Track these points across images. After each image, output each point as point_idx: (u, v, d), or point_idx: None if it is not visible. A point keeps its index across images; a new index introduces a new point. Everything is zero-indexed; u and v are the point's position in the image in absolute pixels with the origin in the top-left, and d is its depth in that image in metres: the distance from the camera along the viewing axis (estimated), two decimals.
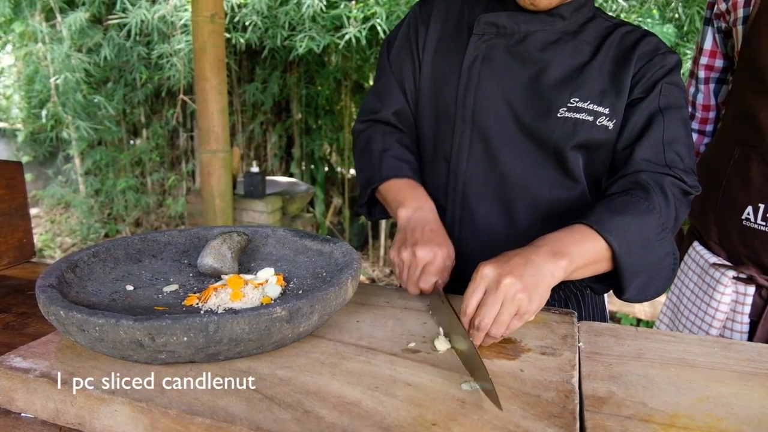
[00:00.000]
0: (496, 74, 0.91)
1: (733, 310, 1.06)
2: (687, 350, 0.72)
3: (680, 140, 0.85)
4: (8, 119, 5.09)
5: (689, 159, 0.86)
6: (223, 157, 2.88)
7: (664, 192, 0.81)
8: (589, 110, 0.86)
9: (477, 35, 0.92)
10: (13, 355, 0.63)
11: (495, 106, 0.90)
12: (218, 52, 2.72)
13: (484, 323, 0.66)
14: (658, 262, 0.79)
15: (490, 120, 0.91)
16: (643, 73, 0.87)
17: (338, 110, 4.84)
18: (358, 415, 0.54)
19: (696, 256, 1.14)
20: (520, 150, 0.91)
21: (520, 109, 0.89)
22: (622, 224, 0.75)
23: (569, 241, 0.73)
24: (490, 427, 0.53)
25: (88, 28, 4.15)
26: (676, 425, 0.55)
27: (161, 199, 5.13)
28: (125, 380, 0.58)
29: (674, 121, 0.85)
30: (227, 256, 0.81)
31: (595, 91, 0.87)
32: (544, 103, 0.88)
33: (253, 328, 0.59)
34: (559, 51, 0.89)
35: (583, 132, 0.87)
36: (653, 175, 0.83)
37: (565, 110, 0.86)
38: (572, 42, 0.89)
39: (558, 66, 0.88)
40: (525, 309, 0.67)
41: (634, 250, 0.76)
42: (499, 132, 0.91)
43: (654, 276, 0.80)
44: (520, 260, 0.69)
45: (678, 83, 0.88)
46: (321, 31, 3.55)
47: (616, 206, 0.78)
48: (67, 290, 0.69)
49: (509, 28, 0.90)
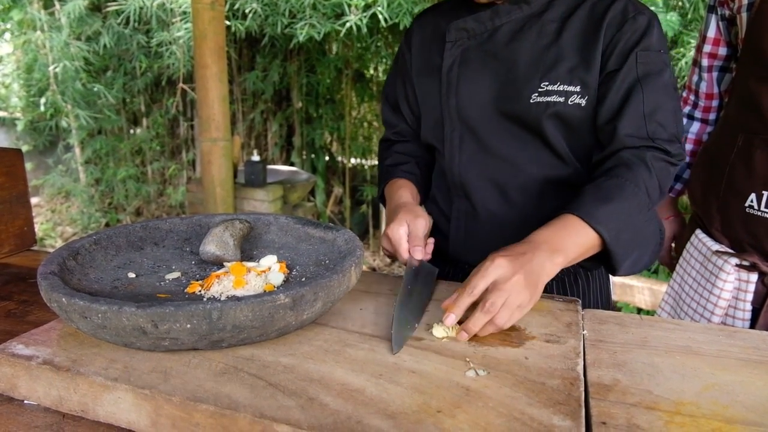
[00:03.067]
0: (472, 74, 0.95)
1: (735, 297, 1.05)
2: (692, 338, 0.72)
3: (662, 108, 0.85)
4: (7, 108, 5.07)
5: (673, 125, 0.86)
6: (224, 146, 2.87)
7: (648, 167, 0.82)
8: (560, 91, 0.88)
9: (450, 42, 0.97)
10: (16, 343, 0.63)
11: (476, 101, 0.95)
12: (218, 39, 2.70)
13: (494, 307, 0.68)
14: (645, 240, 0.83)
15: (475, 114, 0.95)
16: (615, 42, 0.86)
17: (339, 99, 4.82)
18: (362, 402, 0.54)
19: (698, 244, 1.13)
20: (506, 135, 0.94)
21: (498, 100, 0.92)
22: (610, 212, 0.78)
23: (564, 236, 0.77)
24: (495, 414, 0.52)
25: (87, 15, 4.11)
26: (681, 413, 0.55)
27: (162, 188, 5.12)
28: (128, 367, 0.58)
29: (654, 89, 0.85)
30: (229, 244, 0.81)
31: (563, 70, 0.88)
32: (517, 92, 0.90)
33: (257, 315, 0.58)
34: (525, 37, 0.91)
35: (558, 113, 0.89)
36: (636, 151, 0.84)
37: (536, 96, 0.88)
38: (537, 24, 0.90)
39: (526, 52, 0.90)
40: (526, 303, 0.70)
41: (623, 235, 0.79)
42: (484, 123, 0.95)
43: (643, 253, 0.84)
44: (527, 258, 0.72)
45: (652, 46, 0.86)
46: (322, 19, 3.52)
47: (603, 193, 0.80)
48: (69, 277, 0.69)
49: (477, 29, 0.94)
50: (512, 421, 0.51)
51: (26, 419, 0.57)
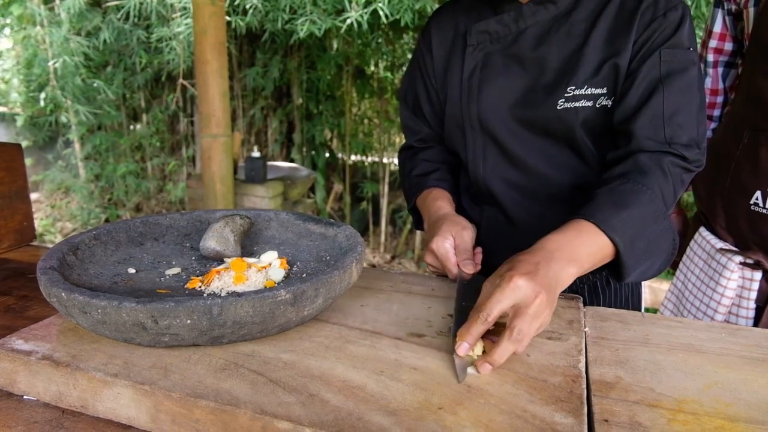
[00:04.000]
0: (495, 79, 0.91)
1: (739, 295, 1.05)
2: (694, 336, 0.71)
3: (683, 110, 0.81)
4: (7, 103, 5.06)
5: (694, 129, 0.81)
6: (224, 142, 2.86)
7: (665, 173, 0.79)
8: (587, 95, 0.84)
9: (471, 46, 0.93)
10: (15, 338, 0.62)
11: (498, 109, 0.91)
12: (219, 34, 2.69)
13: (522, 335, 0.61)
14: (659, 249, 0.79)
15: (497, 123, 0.91)
16: (643, 40, 0.82)
17: (339, 96, 4.81)
18: (363, 398, 0.53)
19: (702, 242, 1.13)
20: (531, 146, 0.90)
21: (523, 108, 0.88)
22: (626, 219, 0.74)
23: (578, 245, 0.72)
24: (497, 411, 0.52)
25: (87, 11, 4.10)
26: (684, 410, 0.55)
27: (162, 184, 5.12)
28: (128, 363, 0.58)
29: (676, 90, 0.81)
30: (230, 240, 0.80)
31: (590, 72, 0.84)
32: (543, 98, 0.86)
33: (257, 311, 0.58)
34: (552, 41, 0.86)
35: (587, 117, 0.85)
36: (653, 156, 0.80)
37: (563, 101, 0.85)
38: (565, 25, 0.86)
39: (553, 57, 0.86)
40: (547, 321, 0.66)
41: (637, 244, 0.75)
42: (507, 133, 0.91)
43: (655, 261, 0.80)
44: (543, 273, 0.66)
45: (680, 44, 0.82)
46: (322, 15, 3.51)
47: (619, 199, 0.76)
48: (69, 273, 0.68)
49: (501, 32, 0.90)
50: (514, 418, 0.51)
51: (26, 414, 0.57)
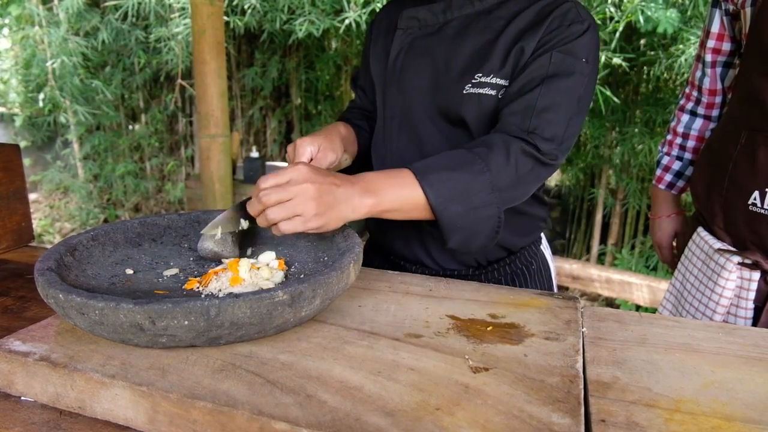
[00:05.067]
0: (415, 63, 0.96)
1: (737, 296, 1.05)
2: (691, 335, 0.71)
3: (555, 109, 0.84)
4: (5, 103, 5.05)
5: (560, 128, 0.85)
6: (223, 142, 2.86)
7: (507, 155, 0.81)
8: (492, 84, 0.88)
9: (401, 29, 0.98)
10: (13, 339, 0.62)
11: (415, 94, 0.96)
12: (217, 34, 2.69)
13: (268, 198, 0.69)
14: (479, 221, 0.82)
15: (412, 107, 0.96)
16: (542, 42, 0.86)
17: (338, 96, 4.81)
18: (360, 399, 0.53)
19: (700, 242, 1.13)
20: (440, 132, 0.95)
21: (435, 94, 0.93)
22: (446, 179, 0.78)
23: (386, 184, 0.77)
24: (494, 411, 0.52)
25: (85, 11, 4.10)
26: (681, 410, 0.55)
27: (160, 184, 5.11)
28: (126, 364, 0.58)
29: (555, 90, 0.84)
30: (228, 240, 0.80)
31: (498, 64, 0.88)
32: (452, 83, 0.91)
33: (255, 312, 0.58)
34: (471, 32, 0.91)
35: (489, 106, 0.89)
36: (506, 138, 0.83)
37: (470, 86, 0.89)
38: (485, 21, 0.91)
39: (468, 46, 0.91)
40: (308, 217, 0.70)
41: (453, 207, 0.79)
42: (420, 117, 0.96)
43: (475, 233, 0.83)
44: (333, 182, 0.72)
45: (574, 52, 0.85)
46: (321, 15, 3.51)
47: (448, 162, 0.80)
48: (66, 273, 0.68)
49: (429, 20, 0.95)
50: (511, 418, 0.51)
51: (23, 416, 0.57)
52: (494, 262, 1.04)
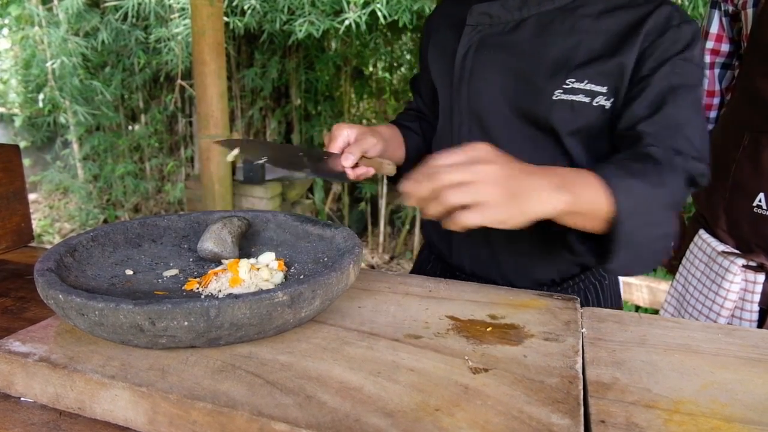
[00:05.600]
0: (489, 63, 0.89)
1: (742, 298, 1.04)
2: (691, 336, 0.71)
3: (691, 123, 0.79)
4: (5, 104, 5.05)
5: (700, 144, 0.79)
6: None
7: (672, 172, 0.75)
8: (586, 90, 0.82)
9: (470, 26, 0.91)
10: (12, 339, 0.62)
11: (490, 95, 0.89)
12: (217, 35, 2.69)
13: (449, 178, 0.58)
14: (654, 239, 0.74)
15: (487, 109, 0.90)
16: (653, 48, 0.80)
17: (338, 96, 4.81)
18: (360, 400, 0.53)
19: (702, 244, 1.12)
20: (518, 136, 0.89)
21: (516, 96, 0.87)
22: (632, 188, 0.69)
23: (580, 183, 0.67)
24: (493, 412, 0.52)
25: (85, 11, 4.10)
26: (680, 411, 0.55)
27: (160, 184, 5.11)
28: (125, 365, 0.58)
29: (686, 103, 0.79)
30: (227, 241, 0.80)
31: (592, 69, 0.82)
32: (539, 87, 0.85)
33: (255, 312, 0.58)
34: (555, 32, 0.85)
35: (582, 114, 0.83)
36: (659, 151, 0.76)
37: (560, 92, 0.83)
38: (570, 19, 0.85)
39: (553, 48, 0.85)
40: (487, 206, 0.58)
41: (636, 219, 0.70)
42: (497, 121, 0.90)
43: (645, 253, 0.75)
44: (522, 168, 0.62)
45: (693, 59, 0.80)
46: (320, 16, 3.51)
47: (630, 169, 0.71)
48: (66, 274, 0.68)
49: (502, 17, 0.88)
50: (511, 419, 0.51)
51: (23, 417, 0.57)
52: (569, 278, 0.96)
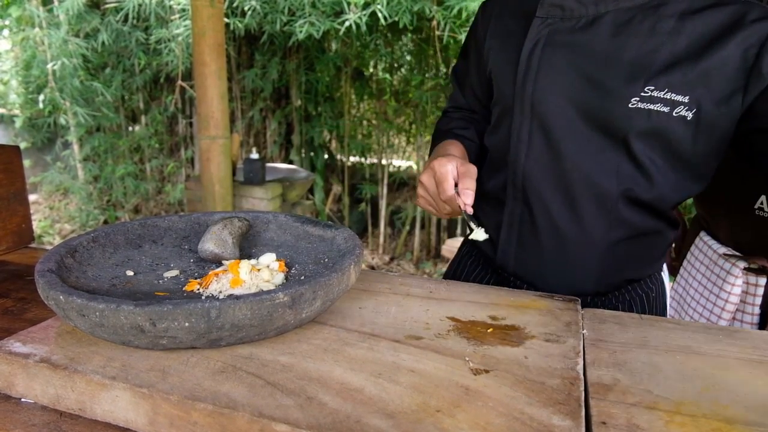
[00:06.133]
0: (559, 61, 0.83)
1: (743, 301, 1.04)
2: (692, 338, 0.71)
3: None
4: (6, 105, 5.06)
5: None
6: (223, 143, 2.86)
7: None
8: (666, 100, 0.77)
9: (540, 18, 0.84)
10: (13, 340, 0.62)
11: (557, 95, 0.83)
12: (218, 36, 2.69)
13: None
14: None
15: (551, 110, 0.84)
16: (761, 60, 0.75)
17: (338, 97, 4.81)
18: (361, 401, 0.53)
19: (704, 246, 1.12)
20: (584, 142, 0.83)
21: (586, 100, 0.81)
22: None
23: None
24: (495, 414, 0.52)
25: (86, 12, 4.11)
26: (681, 413, 0.55)
27: (160, 185, 5.12)
28: (126, 366, 0.58)
29: None
30: (228, 242, 0.80)
31: (674, 76, 0.76)
32: (613, 93, 0.79)
33: (255, 313, 0.58)
34: (633, 32, 0.79)
35: (660, 124, 0.78)
36: None
37: (637, 100, 0.78)
38: (650, 19, 0.79)
39: (631, 50, 0.79)
40: None
41: None
42: (561, 123, 0.84)
43: None
44: None
45: None
46: (321, 17, 3.52)
47: None
48: (67, 275, 0.68)
49: (576, 10, 0.82)
50: (512, 420, 0.51)
51: (23, 417, 0.57)
52: (613, 290, 0.93)
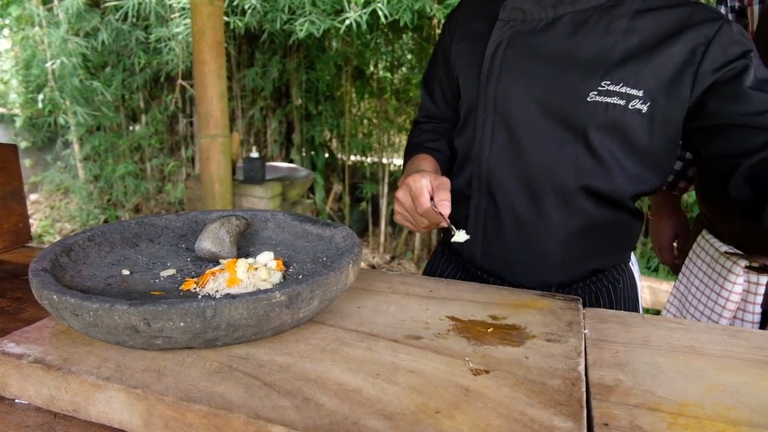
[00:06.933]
0: (520, 61, 0.87)
1: (744, 300, 1.04)
2: (695, 338, 0.70)
3: None
4: (6, 104, 5.05)
5: None
6: (223, 142, 2.85)
7: None
8: (621, 93, 0.81)
9: (502, 21, 0.89)
10: (7, 341, 0.62)
11: (519, 93, 0.87)
12: (217, 35, 2.68)
13: None
14: None
15: (514, 107, 0.88)
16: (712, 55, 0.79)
17: (339, 96, 4.81)
18: (359, 402, 0.52)
19: (705, 245, 1.12)
20: (545, 136, 0.87)
21: (547, 96, 0.85)
22: None
23: None
24: (494, 414, 0.51)
25: (86, 11, 4.10)
26: (685, 414, 0.54)
27: (161, 185, 5.11)
28: (121, 366, 0.57)
29: None
30: (225, 241, 0.79)
31: (627, 71, 0.81)
32: (572, 88, 0.83)
33: (252, 313, 0.57)
34: (590, 32, 0.84)
35: (617, 117, 0.82)
36: None
37: (595, 94, 0.82)
38: (605, 19, 0.83)
39: (588, 48, 0.83)
40: None
41: None
42: (523, 119, 0.88)
43: None
44: None
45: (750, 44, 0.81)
46: (321, 15, 3.51)
47: None
48: (62, 274, 0.67)
49: (536, 13, 0.87)
50: (512, 422, 0.50)
51: (17, 419, 0.56)
52: (578, 280, 0.96)
